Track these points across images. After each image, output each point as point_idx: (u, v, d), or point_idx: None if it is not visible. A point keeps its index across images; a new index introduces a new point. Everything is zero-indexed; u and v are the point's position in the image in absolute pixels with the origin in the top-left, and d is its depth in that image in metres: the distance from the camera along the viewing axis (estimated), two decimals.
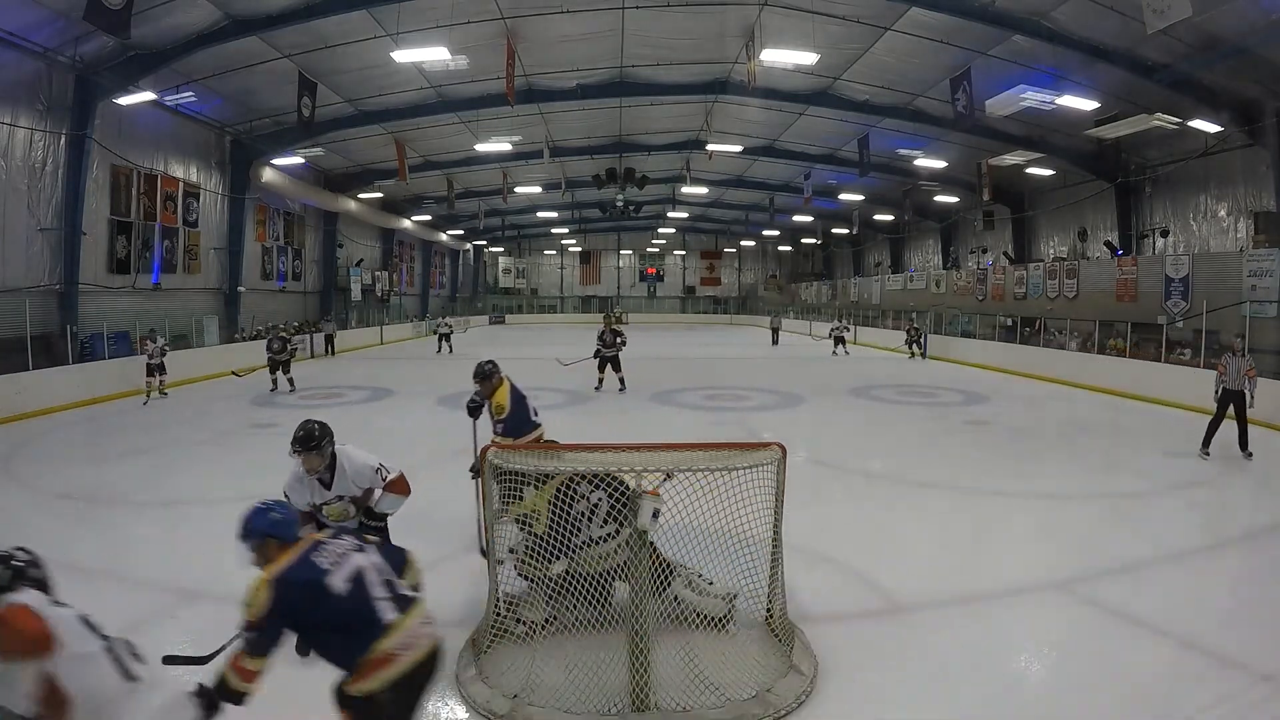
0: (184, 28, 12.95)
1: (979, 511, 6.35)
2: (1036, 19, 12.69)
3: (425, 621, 2.37)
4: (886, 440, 9.89)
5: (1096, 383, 14.32)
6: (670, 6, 13.91)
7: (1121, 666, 3.59)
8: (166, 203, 16.84)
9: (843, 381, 15.59)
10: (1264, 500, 6.67)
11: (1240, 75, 12.90)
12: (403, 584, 2.47)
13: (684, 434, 9.24)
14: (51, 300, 13.44)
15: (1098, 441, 9.68)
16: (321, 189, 24.14)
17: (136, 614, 4.11)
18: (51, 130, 13.17)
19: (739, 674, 3.35)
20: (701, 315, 46.87)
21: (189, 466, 7.80)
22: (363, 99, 17.94)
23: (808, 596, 4.30)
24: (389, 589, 2.36)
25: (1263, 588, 4.68)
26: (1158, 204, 18.33)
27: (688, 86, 18.39)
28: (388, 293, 31.30)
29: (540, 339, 28.86)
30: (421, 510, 5.04)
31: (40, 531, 4.38)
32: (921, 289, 27.66)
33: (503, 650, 3.60)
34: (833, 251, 41.83)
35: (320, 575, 2.26)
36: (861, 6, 13.39)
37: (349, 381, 15.56)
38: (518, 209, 34.85)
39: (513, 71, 14.83)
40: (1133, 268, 16.82)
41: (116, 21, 10.33)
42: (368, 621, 2.25)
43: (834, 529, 5.65)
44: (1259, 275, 13.12)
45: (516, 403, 4.90)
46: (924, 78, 16.18)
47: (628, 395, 12.90)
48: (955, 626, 4.07)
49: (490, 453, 3.64)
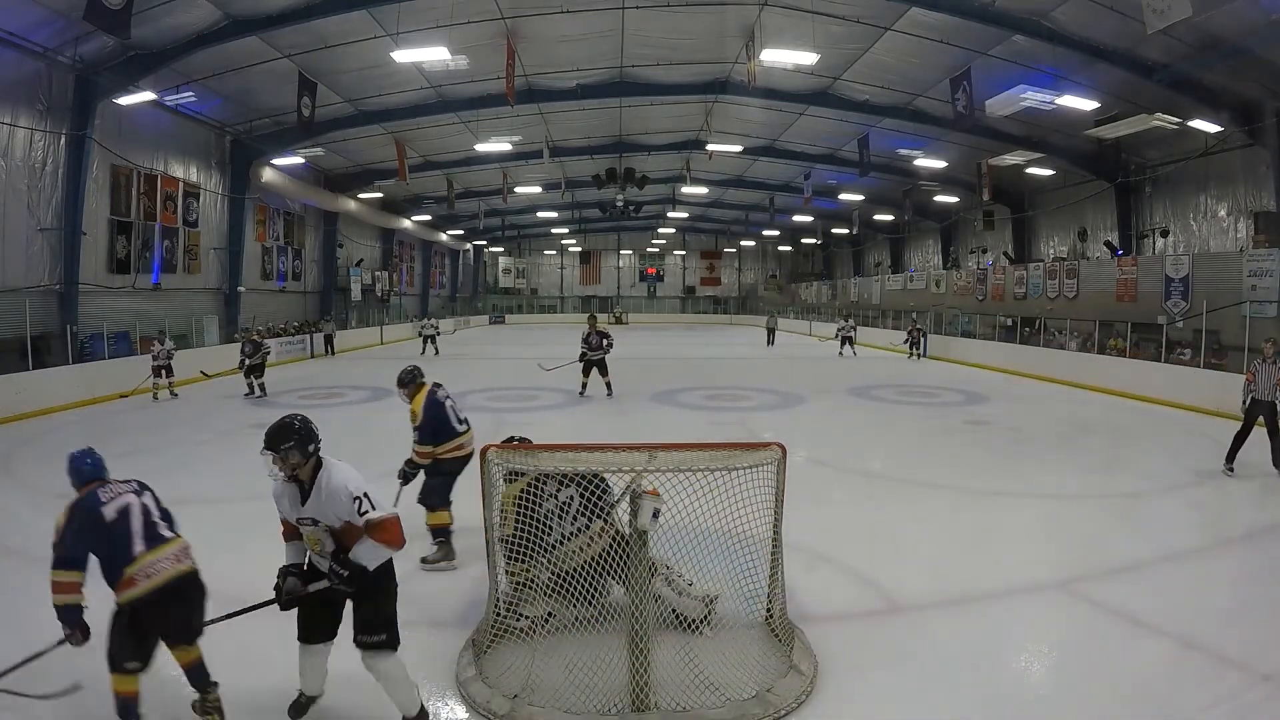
0: (184, 28, 12.95)
1: (979, 511, 6.35)
2: (1036, 19, 12.69)
3: (174, 558, 2.92)
4: (886, 440, 9.89)
5: (1096, 383, 14.32)
6: (670, 6, 13.91)
7: (1121, 666, 3.59)
8: (166, 203, 16.84)
9: (843, 381, 15.59)
10: (1264, 500, 6.66)
11: (1240, 75, 12.90)
12: (163, 525, 3.02)
13: (684, 434, 9.23)
14: (51, 300, 13.44)
15: (1098, 441, 9.67)
16: (321, 189, 24.14)
17: None
18: (51, 130, 13.16)
19: (739, 674, 3.35)
20: (701, 315, 46.89)
21: (189, 466, 7.80)
22: (363, 99, 17.94)
23: (808, 596, 4.29)
24: (146, 526, 2.94)
25: (1263, 588, 4.68)
26: (1158, 204, 18.33)
27: (688, 86, 18.39)
28: (388, 293, 31.30)
29: (538, 339, 28.86)
30: (422, 510, 5.05)
31: (41, 532, 4.35)
32: (921, 289, 27.66)
33: (503, 650, 3.60)
34: (833, 251, 41.85)
35: (98, 506, 2.90)
36: (861, 6, 13.39)
37: (349, 381, 15.56)
38: (518, 209, 34.85)
39: (513, 71, 14.83)
40: (1133, 268, 16.82)
41: (116, 21, 10.32)
42: (123, 549, 2.85)
43: (834, 529, 5.65)
44: (1259, 275, 13.12)
45: (433, 409, 4.95)
46: (924, 78, 16.18)
47: (628, 395, 12.89)
48: (955, 626, 4.07)
49: (490, 452, 3.64)
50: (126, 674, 2.84)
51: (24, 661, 2.93)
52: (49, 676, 2.95)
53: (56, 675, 2.96)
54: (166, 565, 2.89)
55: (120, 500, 2.95)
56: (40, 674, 2.93)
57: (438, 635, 3.85)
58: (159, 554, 2.90)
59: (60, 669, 2.97)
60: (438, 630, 3.92)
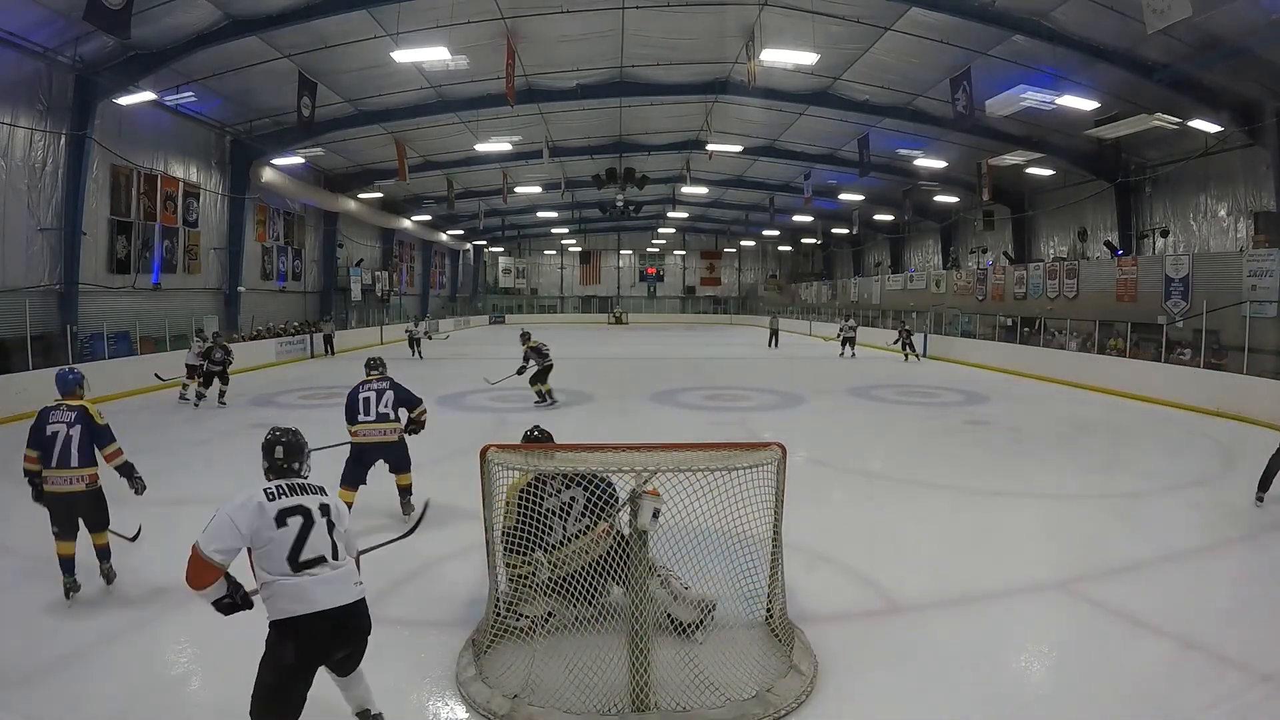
0: (184, 28, 12.95)
1: (979, 511, 6.35)
2: (1036, 19, 12.69)
3: (65, 480, 4.18)
4: (887, 440, 9.90)
5: (1096, 383, 14.32)
6: (670, 6, 13.91)
7: (1121, 666, 3.59)
8: (166, 203, 16.84)
9: (843, 381, 15.59)
10: (1264, 500, 6.66)
11: (1240, 75, 12.90)
12: (75, 451, 4.18)
13: (684, 434, 9.23)
14: (51, 300, 13.44)
15: (1098, 441, 9.67)
16: (321, 189, 24.14)
17: (138, 613, 4.13)
18: (51, 130, 13.16)
19: (739, 674, 3.35)
20: (701, 315, 46.89)
21: (188, 466, 7.80)
22: (363, 99, 17.95)
23: (808, 596, 4.29)
24: (64, 447, 4.16)
25: (1263, 588, 4.68)
26: (1158, 204, 18.33)
27: (688, 86, 18.39)
28: (388, 293, 31.29)
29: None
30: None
31: (41, 531, 4.38)
32: (921, 289, 27.66)
33: (503, 650, 3.60)
34: (833, 251, 41.84)
35: (42, 422, 4.22)
36: (861, 6, 13.39)
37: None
38: (518, 209, 34.86)
39: (513, 71, 14.83)
40: (1133, 268, 16.83)
41: (116, 21, 10.32)
42: (48, 460, 4.16)
43: (834, 529, 5.65)
44: (1259, 275, 13.12)
45: (351, 394, 5.90)
46: (924, 78, 16.18)
47: (628, 395, 12.89)
48: (955, 626, 4.07)
49: (490, 453, 3.64)
50: (59, 540, 4.24)
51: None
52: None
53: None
54: (60, 483, 4.19)
55: (53, 424, 4.22)
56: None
57: (438, 635, 3.86)
58: (57, 473, 4.18)
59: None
60: (438, 630, 3.93)
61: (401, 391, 5.90)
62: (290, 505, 2.62)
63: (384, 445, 5.73)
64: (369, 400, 5.78)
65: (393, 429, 5.78)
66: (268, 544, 2.55)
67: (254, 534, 2.55)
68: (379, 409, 5.75)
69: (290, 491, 2.67)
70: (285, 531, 2.57)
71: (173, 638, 3.89)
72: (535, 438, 4.36)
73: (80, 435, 4.18)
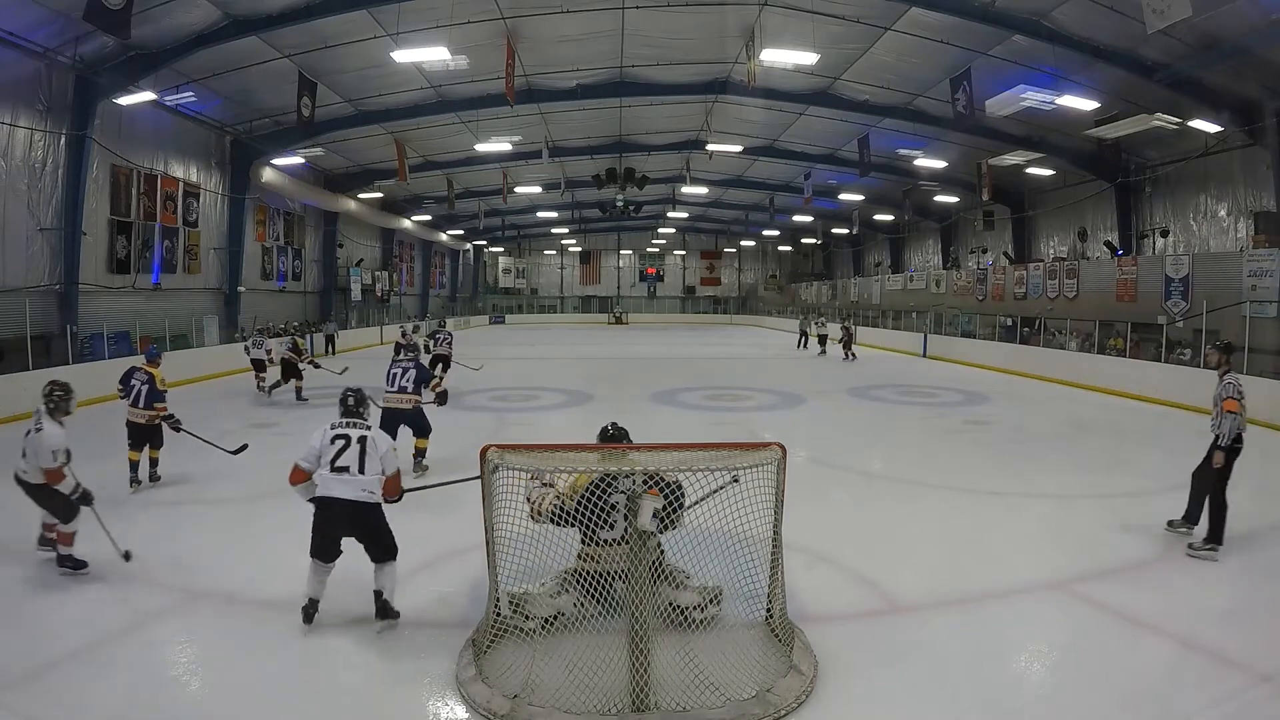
0: (184, 28, 12.95)
1: (979, 512, 6.35)
2: (1036, 19, 12.69)
3: (142, 415, 6.68)
4: (887, 440, 9.90)
5: (1096, 383, 14.32)
6: (670, 6, 13.91)
7: (1121, 666, 3.59)
8: (166, 203, 16.84)
9: (843, 382, 15.59)
10: (1264, 500, 6.67)
11: (1240, 75, 12.91)
12: (143, 399, 6.68)
13: (684, 434, 9.23)
14: (51, 300, 13.44)
15: (1098, 441, 9.67)
16: (321, 189, 24.14)
17: (138, 613, 4.13)
18: (51, 130, 13.16)
19: (739, 674, 3.35)
20: (701, 315, 46.89)
21: (189, 466, 7.79)
22: (363, 99, 17.94)
23: (808, 596, 4.30)
24: (137, 394, 6.73)
25: (1263, 588, 4.68)
26: (1158, 204, 18.34)
27: (688, 86, 18.39)
28: (388, 293, 31.29)
29: (538, 339, 28.86)
30: (423, 510, 5.06)
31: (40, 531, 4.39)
32: (921, 289, 27.65)
33: (503, 650, 3.61)
34: (833, 251, 41.84)
35: (128, 376, 6.92)
36: (861, 6, 13.39)
37: (348, 381, 15.50)
38: (518, 209, 34.85)
39: (512, 71, 14.82)
40: (1133, 268, 16.83)
41: (116, 21, 10.32)
42: (132, 400, 6.77)
43: (834, 529, 5.65)
44: (1259, 275, 13.12)
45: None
46: (924, 78, 16.18)
47: (627, 395, 12.89)
48: (955, 627, 4.07)
49: (490, 452, 3.64)
50: (130, 450, 6.79)
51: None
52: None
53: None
54: (135, 417, 6.74)
55: (134, 382, 6.82)
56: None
57: (438, 635, 3.86)
58: (133, 411, 6.73)
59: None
60: (438, 630, 3.93)
61: (423, 371, 7.27)
62: (340, 433, 4.03)
63: (401, 412, 6.98)
64: (395, 375, 7.13)
65: (409, 400, 7.05)
66: (323, 452, 3.97)
67: (322, 446, 3.98)
68: (400, 382, 7.06)
69: (345, 425, 4.09)
70: (332, 447, 3.96)
71: (173, 638, 3.89)
72: (611, 435, 4.28)
73: (148, 390, 6.71)
